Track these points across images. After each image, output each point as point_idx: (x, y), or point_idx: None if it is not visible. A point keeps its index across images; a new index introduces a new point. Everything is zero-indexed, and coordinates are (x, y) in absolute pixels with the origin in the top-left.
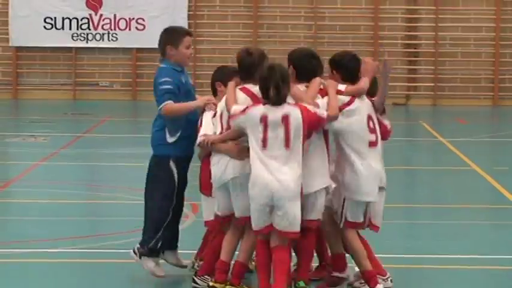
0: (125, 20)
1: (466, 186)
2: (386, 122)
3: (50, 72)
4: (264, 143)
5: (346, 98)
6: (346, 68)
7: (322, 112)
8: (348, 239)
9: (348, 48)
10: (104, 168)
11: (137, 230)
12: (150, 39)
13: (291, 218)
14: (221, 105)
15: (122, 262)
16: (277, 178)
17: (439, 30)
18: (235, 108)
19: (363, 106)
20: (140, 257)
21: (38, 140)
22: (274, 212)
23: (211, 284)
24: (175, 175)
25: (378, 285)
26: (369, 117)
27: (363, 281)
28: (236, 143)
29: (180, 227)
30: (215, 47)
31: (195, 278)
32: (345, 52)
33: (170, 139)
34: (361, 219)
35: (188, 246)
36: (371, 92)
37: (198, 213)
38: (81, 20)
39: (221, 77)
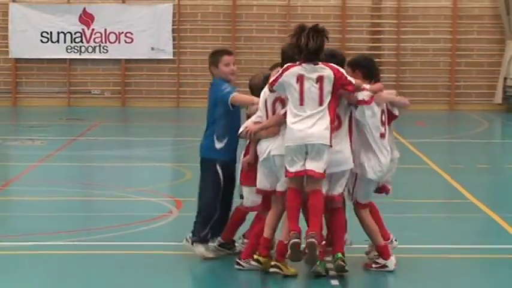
0: (115, 33)
1: (425, 183)
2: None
3: (46, 81)
4: (301, 101)
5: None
6: (367, 67)
7: (351, 78)
8: (361, 218)
9: None
10: (96, 169)
11: (126, 224)
12: (138, 51)
13: (321, 160)
14: (264, 93)
15: (113, 253)
16: (310, 128)
17: (401, 42)
18: (272, 74)
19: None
20: (192, 244)
21: (36, 143)
22: (307, 157)
23: (255, 256)
24: (221, 177)
25: (391, 257)
26: (382, 112)
27: (377, 253)
28: (274, 129)
29: (164, 221)
30: (197, 58)
31: (238, 261)
32: (362, 55)
33: (218, 145)
34: (370, 199)
35: (171, 239)
36: None
37: (181, 209)
38: (75, 34)
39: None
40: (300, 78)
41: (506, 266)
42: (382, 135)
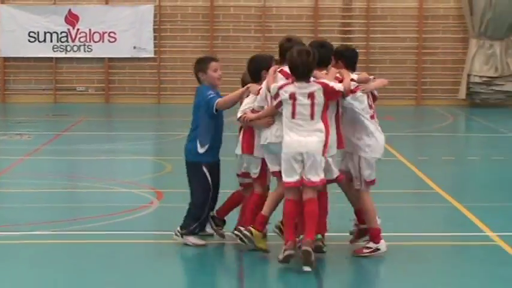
0: (99, 33)
1: (394, 175)
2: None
3: (33, 79)
4: (293, 115)
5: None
6: (349, 57)
7: (339, 86)
8: (363, 200)
9: None
10: (81, 162)
11: (110, 215)
12: (120, 49)
13: (317, 169)
14: (264, 87)
15: (97, 242)
16: (305, 138)
17: (370, 41)
18: (274, 86)
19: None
20: (182, 236)
21: (23, 138)
22: (304, 166)
23: (251, 228)
24: (209, 178)
25: (382, 241)
26: (368, 96)
27: (367, 239)
28: (268, 119)
29: (146, 212)
30: (177, 56)
31: (236, 232)
32: (345, 45)
33: (201, 150)
34: (374, 177)
35: (153, 228)
36: None
37: (162, 200)
38: (61, 33)
39: (265, 65)
40: (293, 95)
41: (471, 252)
42: (372, 117)
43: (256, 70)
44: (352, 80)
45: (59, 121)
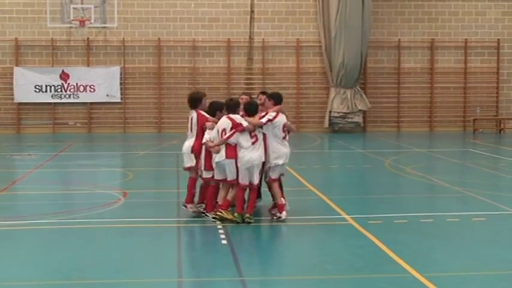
0: (83, 85)
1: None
2: (293, 128)
3: (38, 117)
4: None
5: (274, 114)
6: (276, 98)
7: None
8: (272, 186)
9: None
10: (72, 172)
11: (92, 208)
12: (98, 96)
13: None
14: (218, 125)
15: (82, 227)
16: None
17: (265, 90)
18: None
19: (282, 119)
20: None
21: (32, 157)
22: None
23: (222, 211)
24: None
25: (284, 212)
26: (284, 125)
27: (276, 210)
28: (218, 149)
29: (115, 205)
30: (136, 101)
31: (208, 214)
32: (275, 92)
33: None
34: (278, 176)
35: (121, 216)
36: None
37: (126, 198)
38: (57, 86)
39: (219, 109)
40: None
41: (332, 228)
42: (284, 138)
43: (213, 110)
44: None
45: (56, 145)
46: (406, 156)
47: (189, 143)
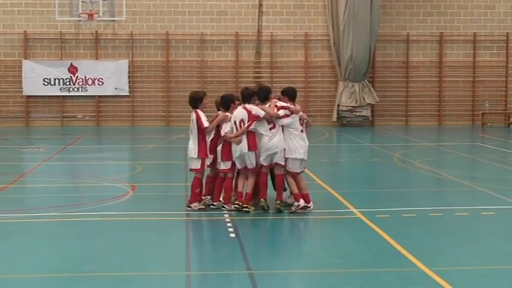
0: (91, 79)
1: None
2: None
3: (47, 110)
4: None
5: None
6: (290, 94)
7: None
8: (290, 179)
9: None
10: (80, 165)
11: (100, 201)
12: (106, 90)
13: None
14: (234, 115)
15: (92, 220)
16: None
17: (274, 84)
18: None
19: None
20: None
21: (41, 149)
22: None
23: (242, 204)
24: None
25: (301, 200)
26: (300, 118)
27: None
28: (239, 139)
29: (124, 198)
30: (144, 94)
31: (225, 206)
32: (288, 87)
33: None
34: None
35: (129, 209)
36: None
37: (135, 191)
38: (65, 79)
39: (232, 101)
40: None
41: (340, 223)
42: (302, 131)
43: (227, 103)
44: (284, 107)
45: (65, 138)
46: (414, 150)
47: (193, 145)
